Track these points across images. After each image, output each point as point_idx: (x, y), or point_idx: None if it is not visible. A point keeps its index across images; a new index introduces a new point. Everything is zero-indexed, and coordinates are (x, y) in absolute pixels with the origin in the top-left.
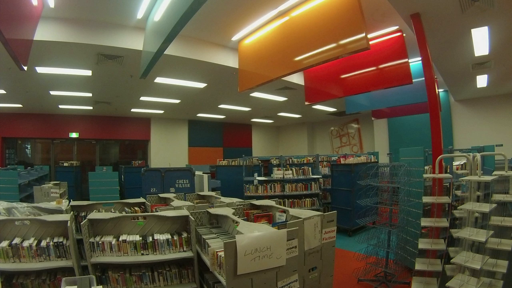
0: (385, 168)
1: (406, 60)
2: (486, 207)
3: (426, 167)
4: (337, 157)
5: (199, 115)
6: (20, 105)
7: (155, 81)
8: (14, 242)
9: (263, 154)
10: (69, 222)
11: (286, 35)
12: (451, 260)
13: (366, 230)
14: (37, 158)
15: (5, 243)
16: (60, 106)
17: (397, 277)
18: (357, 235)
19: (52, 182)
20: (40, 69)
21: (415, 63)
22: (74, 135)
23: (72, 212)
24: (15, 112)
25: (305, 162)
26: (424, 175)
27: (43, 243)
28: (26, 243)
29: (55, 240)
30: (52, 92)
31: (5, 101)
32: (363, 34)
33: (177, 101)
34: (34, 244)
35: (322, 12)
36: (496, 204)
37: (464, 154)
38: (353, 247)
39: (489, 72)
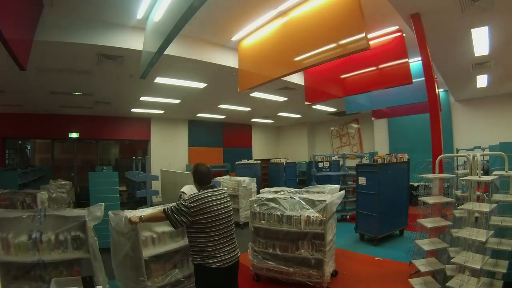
0: None
1: (406, 60)
2: (486, 207)
3: None
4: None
5: (199, 115)
6: (20, 105)
7: (155, 81)
8: (33, 236)
9: (263, 154)
10: None
11: (286, 35)
12: (451, 260)
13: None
14: (37, 158)
15: (24, 237)
16: (60, 106)
17: None
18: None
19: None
20: (40, 70)
21: (415, 63)
22: (74, 135)
23: None
24: (15, 112)
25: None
26: (426, 175)
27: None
28: (44, 237)
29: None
30: (52, 92)
31: (5, 101)
32: (363, 34)
33: (177, 101)
34: (53, 237)
35: (322, 12)
36: (496, 204)
37: (464, 154)
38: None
39: (489, 72)
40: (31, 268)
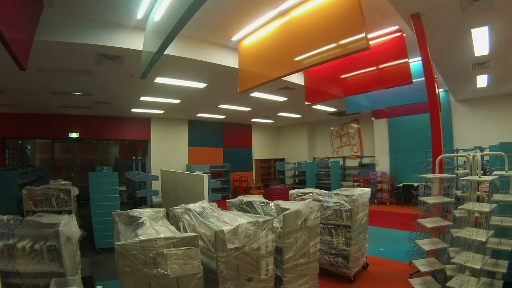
0: None
1: (406, 60)
2: (486, 207)
3: None
4: None
5: (199, 115)
6: (20, 105)
7: (155, 81)
8: (8, 242)
9: (263, 154)
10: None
11: (286, 35)
12: (451, 260)
13: None
14: (37, 158)
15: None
16: (60, 106)
17: None
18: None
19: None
20: (40, 70)
21: (415, 63)
22: (74, 135)
23: None
24: (15, 112)
25: None
26: (426, 175)
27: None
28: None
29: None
30: (52, 92)
31: (5, 101)
32: (363, 34)
33: (177, 101)
34: (28, 246)
35: (322, 12)
36: (496, 204)
37: (464, 154)
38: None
39: (489, 72)
40: (6, 276)
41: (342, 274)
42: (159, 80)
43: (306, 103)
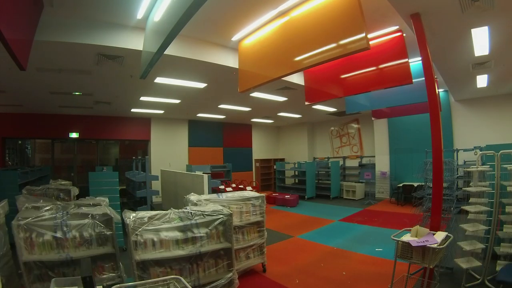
0: None
1: (406, 60)
2: None
3: None
4: None
5: (199, 115)
6: (20, 105)
7: (155, 81)
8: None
9: (263, 154)
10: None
11: (286, 35)
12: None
13: None
14: (37, 158)
15: (48, 235)
16: (60, 106)
17: None
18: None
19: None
20: (40, 70)
21: (415, 63)
22: (74, 135)
23: None
24: (15, 112)
25: None
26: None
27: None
28: (70, 235)
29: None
30: (52, 92)
31: (5, 101)
32: (363, 34)
33: (177, 101)
34: (78, 235)
35: (322, 12)
36: None
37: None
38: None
39: (489, 72)
40: (55, 266)
41: None
42: (159, 80)
43: (306, 103)
